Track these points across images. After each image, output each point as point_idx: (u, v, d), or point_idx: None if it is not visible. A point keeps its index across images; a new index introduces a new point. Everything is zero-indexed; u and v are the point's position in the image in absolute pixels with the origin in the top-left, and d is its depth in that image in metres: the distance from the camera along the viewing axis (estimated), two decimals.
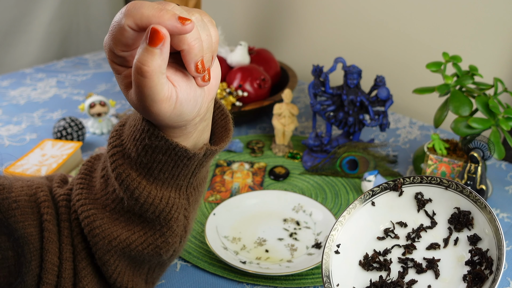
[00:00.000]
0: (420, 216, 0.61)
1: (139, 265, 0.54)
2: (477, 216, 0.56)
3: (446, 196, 0.59)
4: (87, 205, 0.51)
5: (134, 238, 0.50)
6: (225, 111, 0.51)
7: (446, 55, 0.94)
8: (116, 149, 0.48)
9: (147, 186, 0.47)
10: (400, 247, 0.60)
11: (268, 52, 1.29)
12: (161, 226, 0.50)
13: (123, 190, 0.48)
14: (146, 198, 0.47)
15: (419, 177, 0.60)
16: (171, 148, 0.45)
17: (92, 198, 0.51)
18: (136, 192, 0.47)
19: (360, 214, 0.62)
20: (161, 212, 0.48)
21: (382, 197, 0.62)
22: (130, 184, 0.47)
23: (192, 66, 0.39)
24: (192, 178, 0.49)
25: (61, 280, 0.50)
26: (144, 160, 0.46)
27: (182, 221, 0.51)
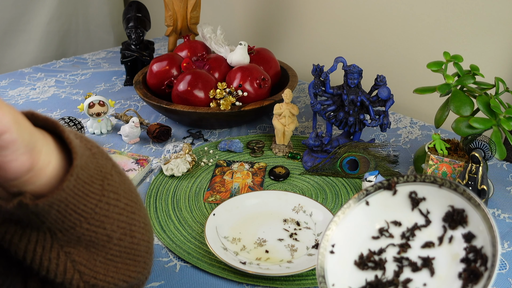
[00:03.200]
0: (414, 214, 0.61)
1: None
2: (471, 214, 0.56)
3: (440, 195, 0.58)
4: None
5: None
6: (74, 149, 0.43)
7: (447, 54, 0.94)
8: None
9: (5, 223, 0.43)
10: (395, 246, 0.60)
11: (268, 51, 1.28)
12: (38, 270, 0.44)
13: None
14: (3, 234, 0.42)
15: (413, 176, 0.60)
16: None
17: None
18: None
19: (355, 214, 0.62)
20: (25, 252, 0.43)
21: (376, 196, 0.62)
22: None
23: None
24: (48, 224, 0.42)
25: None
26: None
27: (64, 257, 0.44)
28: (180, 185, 0.98)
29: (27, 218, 0.41)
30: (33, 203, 0.39)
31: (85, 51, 1.97)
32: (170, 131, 1.14)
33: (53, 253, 0.43)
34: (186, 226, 0.87)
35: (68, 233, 0.43)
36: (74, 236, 0.44)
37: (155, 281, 0.76)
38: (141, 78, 1.24)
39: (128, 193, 0.49)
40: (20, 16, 1.81)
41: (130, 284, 0.51)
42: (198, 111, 1.09)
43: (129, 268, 0.49)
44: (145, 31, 1.42)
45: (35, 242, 0.43)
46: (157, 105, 1.12)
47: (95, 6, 1.99)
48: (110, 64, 1.59)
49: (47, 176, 0.41)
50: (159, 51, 1.68)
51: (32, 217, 0.41)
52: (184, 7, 1.40)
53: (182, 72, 1.17)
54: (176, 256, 0.81)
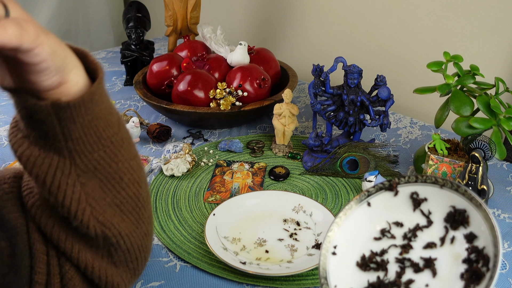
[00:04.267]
0: (416, 215, 0.61)
1: (95, 246, 0.51)
2: (473, 214, 0.56)
3: (441, 195, 0.58)
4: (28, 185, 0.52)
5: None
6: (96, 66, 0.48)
7: (447, 54, 0.94)
8: (14, 117, 0.48)
9: (30, 146, 0.46)
10: (396, 247, 0.60)
11: (268, 51, 1.28)
12: (54, 196, 0.46)
13: (13, 152, 0.47)
14: (28, 157, 0.45)
15: (414, 177, 0.60)
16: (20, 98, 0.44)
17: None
18: (19, 150, 0.46)
19: (356, 215, 0.62)
20: (45, 176, 0.45)
21: (377, 197, 0.62)
22: (15, 143, 0.46)
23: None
24: (70, 143, 0.45)
25: (50, 267, 0.50)
26: (20, 118, 0.46)
27: (79, 187, 0.47)
28: (180, 185, 0.98)
29: (54, 132, 0.44)
30: (65, 102, 0.43)
31: None
32: (170, 131, 1.14)
33: (70, 180, 0.46)
34: (186, 226, 0.87)
35: (86, 159, 0.46)
36: (91, 165, 0.47)
37: (155, 281, 0.76)
38: (141, 78, 1.24)
39: (135, 147, 0.53)
40: None
41: (132, 247, 0.53)
42: (198, 111, 1.09)
43: (131, 225, 0.52)
44: (145, 31, 1.42)
45: (55, 166, 0.45)
46: (157, 105, 1.12)
47: (95, 6, 1.99)
48: (110, 64, 1.59)
49: (74, 94, 0.45)
50: (159, 51, 1.68)
51: (58, 131, 0.44)
52: (184, 7, 1.40)
53: (182, 72, 1.17)
54: (176, 256, 0.81)
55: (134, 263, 0.54)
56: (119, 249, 0.51)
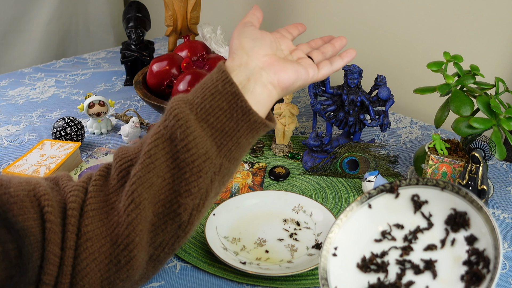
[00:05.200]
0: (416, 217, 0.61)
1: (154, 233, 0.54)
2: (473, 217, 0.56)
3: (442, 197, 0.59)
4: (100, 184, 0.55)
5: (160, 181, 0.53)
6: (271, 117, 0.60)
7: (447, 54, 0.94)
8: (180, 97, 0.54)
9: (199, 129, 0.52)
10: (397, 248, 0.60)
11: None
12: (191, 173, 0.52)
13: (181, 130, 0.52)
14: (194, 137, 0.51)
15: (415, 179, 0.60)
16: (236, 97, 0.52)
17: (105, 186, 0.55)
18: (189, 130, 0.51)
19: (357, 217, 0.62)
20: (197, 158, 0.52)
21: (378, 199, 0.62)
22: (187, 122, 0.52)
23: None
24: (233, 148, 0.54)
25: (63, 268, 0.50)
26: (208, 105, 0.53)
27: (208, 181, 0.53)
28: None
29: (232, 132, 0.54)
30: (267, 121, 0.56)
31: (85, 51, 1.97)
32: None
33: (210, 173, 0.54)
34: None
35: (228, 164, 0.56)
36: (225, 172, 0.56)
37: (155, 281, 0.76)
38: (141, 78, 1.24)
39: None
40: (20, 16, 1.81)
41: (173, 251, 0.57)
42: None
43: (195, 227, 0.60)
44: (145, 31, 1.42)
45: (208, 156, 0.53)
46: (157, 105, 1.12)
47: (95, 6, 1.99)
48: (110, 64, 1.59)
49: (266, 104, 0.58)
50: (159, 51, 1.68)
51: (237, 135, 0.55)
52: (184, 7, 1.40)
53: (182, 72, 1.17)
54: (176, 256, 0.81)
55: (159, 265, 0.58)
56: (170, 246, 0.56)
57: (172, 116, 0.53)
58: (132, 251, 0.52)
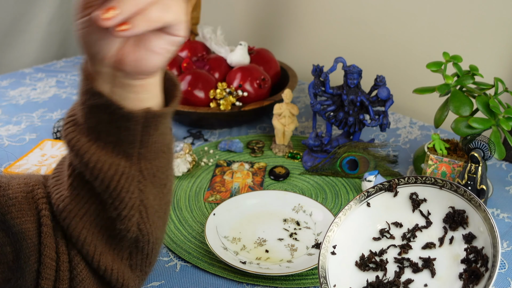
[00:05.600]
0: (415, 216, 0.61)
1: (118, 249, 0.52)
2: (472, 215, 0.56)
3: (440, 196, 0.59)
4: (58, 190, 0.52)
5: (92, 211, 0.50)
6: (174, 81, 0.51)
7: (446, 54, 0.94)
8: (68, 119, 0.49)
9: (97, 151, 0.47)
10: (396, 247, 0.60)
11: (268, 52, 1.29)
12: (112, 199, 0.48)
13: (74, 156, 0.47)
14: (95, 162, 0.46)
15: (414, 178, 0.60)
16: (109, 105, 0.45)
17: (60, 184, 0.52)
18: (86, 156, 0.46)
19: (356, 215, 0.63)
20: (110, 181, 0.47)
21: (377, 198, 0.62)
22: (80, 148, 0.47)
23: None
24: (143, 149, 0.48)
25: (59, 273, 0.50)
26: (92, 123, 0.47)
27: (137, 194, 0.48)
28: (180, 185, 0.98)
29: (132, 139, 0.47)
30: (160, 110, 0.46)
31: None
32: None
33: (132, 186, 0.48)
34: (186, 226, 0.87)
35: (150, 165, 0.49)
36: (151, 172, 0.49)
37: (155, 281, 0.76)
38: None
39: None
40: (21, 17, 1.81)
41: (154, 249, 0.54)
42: (198, 111, 1.09)
43: (159, 231, 0.54)
44: None
45: (121, 173, 0.47)
46: None
47: None
48: None
49: (153, 94, 0.47)
50: None
51: (137, 138, 0.47)
52: None
53: (182, 72, 1.18)
54: (176, 256, 0.81)
55: (147, 268, 0.55)
56: (141, 253, 0.53)
57: (69, 148, 0.48)
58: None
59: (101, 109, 0.45)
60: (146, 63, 0.44)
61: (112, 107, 0.45)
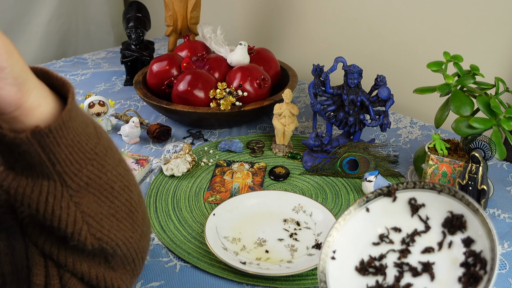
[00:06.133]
0: (414, 221, 0.61)
1: (91, 256, 0.51)
2: (470, 219, 0.56)
3: (439, 201, 0.59)
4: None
5: (46, 229, 0.48)
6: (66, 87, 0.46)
7: (447, 54, 0.94)
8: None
9: (16, 177, 0.44)
10: (395, 251, 0.61)
11: (268, 51, 1.28)
12: (50, 221, 0.45)
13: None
14: (16, 188, 0.44)
15: (412, 183, 0.60)
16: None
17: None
18: (4, 184, 0.44)
19: (355, 220, 0.63)
20: (37, 203, 0.44)
21: (376, 203, 0.63)
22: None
23: None
24: (58, 166, 0.44)
25: (48, 269, 0.50)
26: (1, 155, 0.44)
27: (74, 208, 0.46)
28: (180, 185, 0.98)
29: (39, 160, 0.43)
30: (46, 127, 0.42)
31: (85, 51, 1.97)
32: (170, 131, 1.14)
33: (64, 202, 0.45)
34: (186, 226, 0.87)
35: (77, 177, 0.45)
36: (83, 182, 0.46)
37: (155, 281, 0.76)
38: (141, 78, 1.24)
39: (118, 151, 0.52)
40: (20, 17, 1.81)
41: (129, 251, 0.52)
42: (198, 111, 1.09)
43: (127, 231, 0.51)
44: (145, 31, 1.42)
45: (46, 192, 0.44)
46: (157, 105, 1.12)
47: (95, 6, 1.98)
48: (110, 64, 1.59)
49: (36, 118, 0.43)
50: (159, 51, 1.68)
51: (43, 158, 0.43)
52: (184, 7, 1.40)
53: (182, 72, 1.18)
54: (176, 256, 0.81)
55: (131, 265, 0.54)
56: (116, 255, 0.51)
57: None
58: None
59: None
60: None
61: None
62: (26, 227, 0.49)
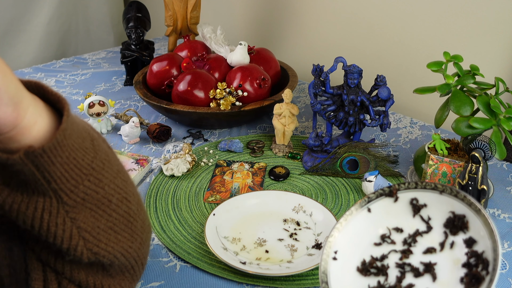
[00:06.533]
0: (415, 221, 0.61)
1: (88, 264, 0.50)
2: (472, 219, 0.56)
3: (440, 201, 0.59)
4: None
5: (41, 242, 0.47)
6: (61, 103, 0.45)
7: (447, 54, 0.94)
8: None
9: (11, 193, 0.44)
10: (397, 252, 0.61)
11: (268, 51, 1.28)
12: (45, 237, 0.45)
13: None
14: (11, 204, 0.43)
15: (414, 183, 0.60)
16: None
17: None
18: (9, 206, 0.43)
19: (357, 221, 0.63)
20: (32, 220, 0.44)
21: (378, 203, 0.63)
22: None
23: None
24: (53, 184, 0.43)
25: (46, 273, 0.50)
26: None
27: (70, 224, 0.45)
28: (180, 185, 0.98)
29: (33, 178, 0.42)
30: (39, 148, 0.41)
31: (85, 51, 1.97)
32: (170, 131, 1.14)
33: (60, 219, 0.44)
34: (186, 226, 0.87)
35: (73, 193, 0.44)
36: (79, 198, 0.45)
37: (155, 281, 0.76)
38: (141, 78, 1.24)
39: (117, 161, 0.51)
40: (20, 16, 1.81)
41: (127, 261, 0.51)
42: (198, 111, 1.09)
43: (126, 242, 0.51)
44: (145, 31, 1.42)
45: (41, 208, 0.44)
46: (157, 105, 1.12)
47: (95, 6, 1.98)
48: (110, 64, 1.59)
49: (33, 136, 0.42)
50: (159, 51, 1.68)
51: (38, 176, 0.42)
52: (184, 7, 1.40)
53: (182, 72, 1.17)
54: (176, 256, 0.81)
55: (130, 272, 0.54)
56: (114, 264, 0.51)
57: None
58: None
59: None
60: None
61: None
62: (23, 233, 0.48)
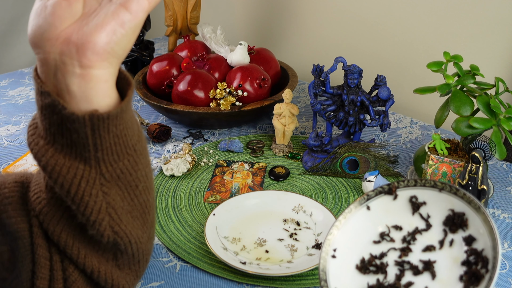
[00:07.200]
0: (415, 219, 0.61)
1: (101, 250, 0.51)
2: (472, 217, 0.56)
3: (440, 199, 0.59)
4: (36, 192, 0.51)
5: (67, 214, 0.49)
6: (127, 80, 0.48)
7: (447, 54, 0.94)
8: (31, 122, 0.48)
9: (55, 154, 0.45)
10: (396, 250, 0.61)
11: (268, 51, 1.28)
12: (77, 205, 0.46)
13: (36, 161, 0.46)
14: (53, 166, 0.45)
15: (413, 181, 0.60)
16: (55, 104, 0.43)
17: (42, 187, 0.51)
18: (43, 159, 0.45)
19: (356, 219, 0.63)
20: (70, 185, 0.45)
21: (377, 201, 0.63)
22: (38, 151, 0.45)
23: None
24: (99, 153, 0.45)
25: (53, 272, 0.50)
26: (46, 124, 0.45)
27: (101, 197, 0.47)
28: (180, 185, 0.98)
29: (83, 143, 0.44)
30: (105, 113, 0.43)
31: None
32: (170, 131, 1.14)
33: (94, 190, 0.46)
34: (186, 226, 0.87)
35: (112, 168, 0.46)
36: (115, 174, 0.47)
37: (155, 281, 0.76)
38: (141, 78, 1.24)
39: (148, 154, 0.53)
40: (20, 16, 1.81)
41: (138, 251, 0.53)
42: (198, 111, 1.09)
43: (139, 230, 0.52)
44: (145, 31, 1.42)
45: (81, 175, 0.45)
46: (157, 105, 1.12)
47: None
48: None
49: (95, 91, 0.44)
50: (159, 51, 1.68)
51: (90, 141, 0.44)
52: (184, 7, 1.40)
53: (182, 72, 1.18)
54: (176, 256, 0.81)
55: (136, 266, 0.54)
56: (125, 253, 0.52)
57: (30, 151, 0.47)
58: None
59: (50, 110, 0.44)
60: (92, 39, 0.42)
61: (58, 107, 0.43)
62: (44, 216, 0.49)
